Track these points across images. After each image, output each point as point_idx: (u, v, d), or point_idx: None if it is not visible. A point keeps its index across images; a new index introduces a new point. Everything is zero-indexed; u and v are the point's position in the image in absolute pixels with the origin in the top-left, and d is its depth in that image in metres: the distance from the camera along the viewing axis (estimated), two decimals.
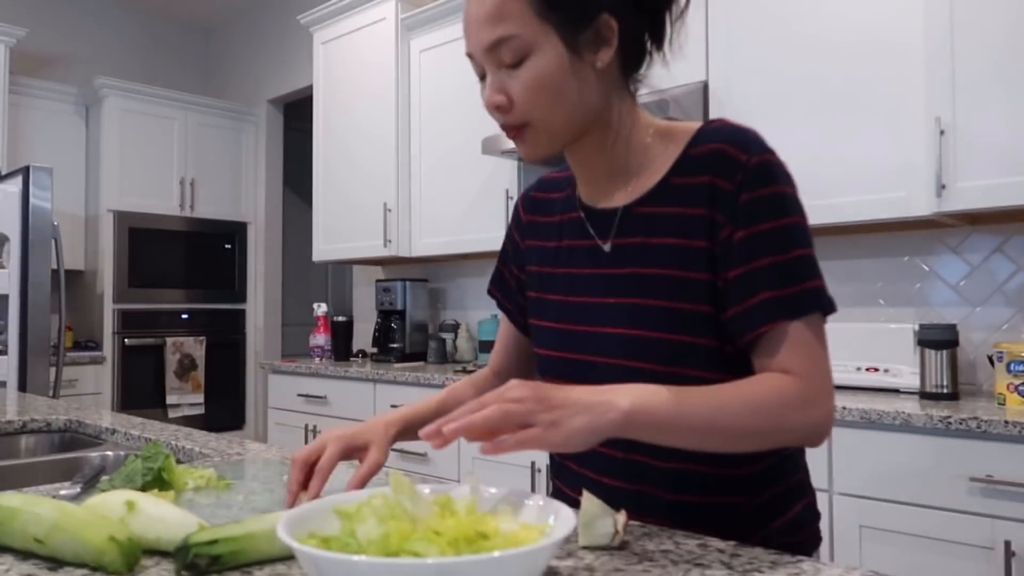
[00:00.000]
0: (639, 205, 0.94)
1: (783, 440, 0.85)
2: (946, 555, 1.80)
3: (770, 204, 0.86)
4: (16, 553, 0.79)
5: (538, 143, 0.91)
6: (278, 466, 1.25)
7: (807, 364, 0.84)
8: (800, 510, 0.96)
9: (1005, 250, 2.30)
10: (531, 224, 1.10)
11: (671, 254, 0.90)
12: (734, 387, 0.83)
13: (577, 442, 0.75)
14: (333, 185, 4.00)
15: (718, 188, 0.88)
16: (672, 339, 0.89)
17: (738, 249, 0.86)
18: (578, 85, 0.88)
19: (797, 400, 0.82)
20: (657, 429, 0.79)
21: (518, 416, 0.73)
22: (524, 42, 0.86)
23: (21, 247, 3.70)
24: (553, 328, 1.01)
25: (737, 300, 0.86)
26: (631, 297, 0.92)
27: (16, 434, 1.79)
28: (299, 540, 0.63)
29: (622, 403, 0.76)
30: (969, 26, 2.02)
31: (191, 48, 5.72)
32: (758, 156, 0.87)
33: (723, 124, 0.93)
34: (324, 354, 3.95)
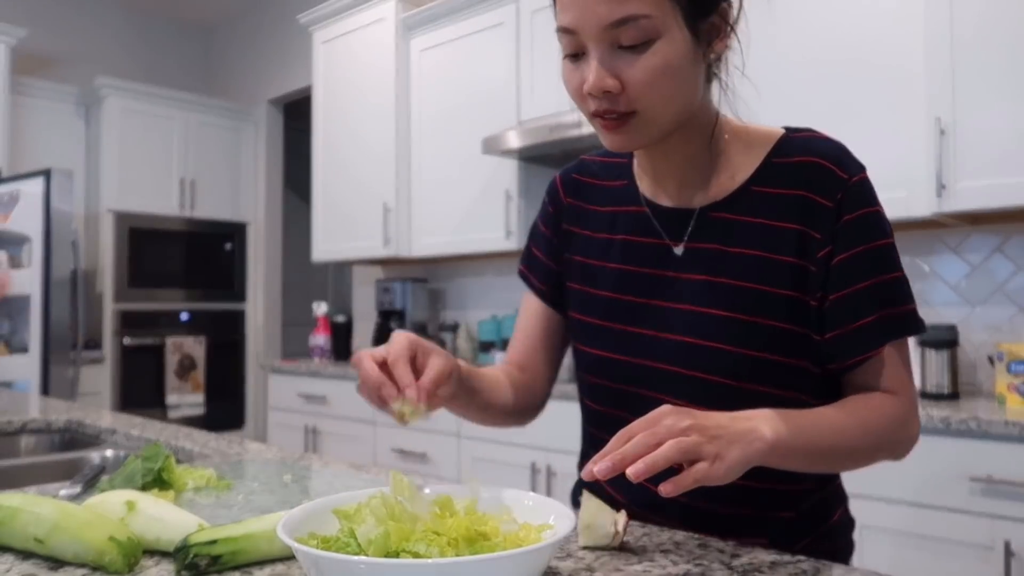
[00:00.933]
0: (715, 209, 0.90)
1: (886, 458, 0.87)
2: (946, 555, 1.80)
3: (870, 225, 0.85)
4: (16, 553, 0.79)
5: (640, 134, 0.84)
6: (278, 466, 1.26)
7: (905, 384, 0.86)
8: (839, 517, 0.96)
9: (1005, 250, 2.30)
10: (573, 208, 1.03)
11: (752, 265, 0.87)
12: (850, 410, 0.84)
13: (734, 474, 0.73)
14: (333, 185, 4.00)
15: (815, 204, 0.85)
16: (748, 354, 0.86)
17: (839, 271, 0.84)
18: (694, 76, 0.83)
19: (902, 419, 0.85)
20: (792, 457, 0.78)
21: (691, 451, 0.70)
22: (653, 24, 0.78)
23: (43, 248, 3.75)
24: (601, 326, 0.96)
25: (839, 323, 0.85)
26: (702, 305, 0.88)
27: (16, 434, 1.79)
28: (299, 540, 0.63)
29: (766, 433, 0.75)
30: (969, 26, 2.02)
31: (191, 48, 5.72)
32: (859, 175, 0.86)
33: (813, 135, 0.90)
34: (324, 354, 3.95)
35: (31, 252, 3.81)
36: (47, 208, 3.76)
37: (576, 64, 0.84)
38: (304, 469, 1.24)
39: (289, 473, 1.20)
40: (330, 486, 1.13)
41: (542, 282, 1.07)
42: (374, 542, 0.61)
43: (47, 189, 3.76)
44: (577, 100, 0.86)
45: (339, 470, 1.23)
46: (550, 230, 1.06)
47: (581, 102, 0.85)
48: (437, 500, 0.70)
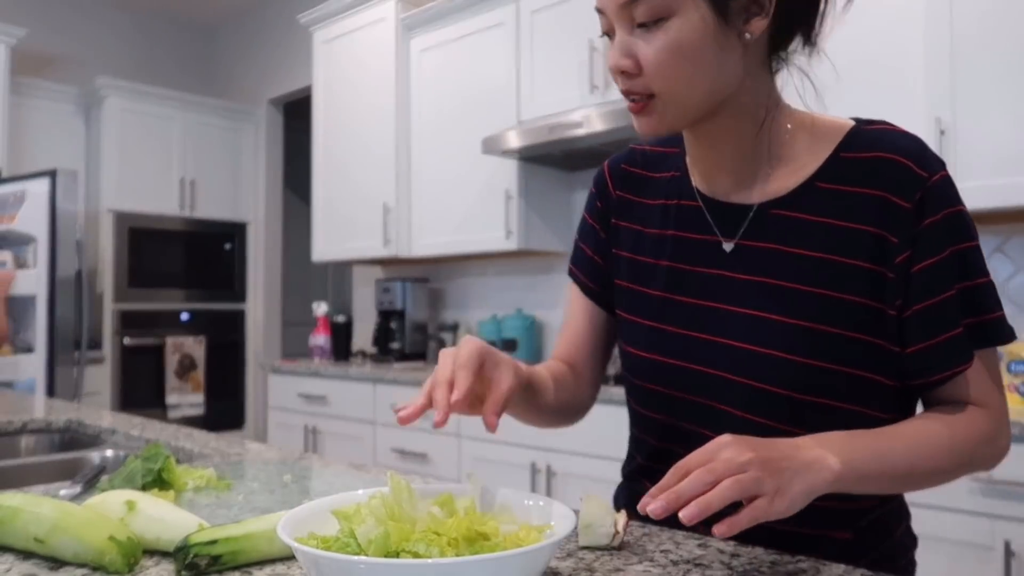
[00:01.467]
0: (776, 206, 0.84)
1: (970, 472, 0.84)
2: (946, 555, 1.80)
3: (954, 228, 0.79)
4: (17, 553, 0.79)
5: (663, 118, 0.81)
6: (278, 466, 1.26)
7: (994, 396, 0.81)
8: (901, 534, 0.90)
9: (1005, 250, 2.30)
10: (623, 202, 0.97)
11: (816, 268, 0.81)
12: (933, 428, 0.79)
13: (796, 508, 0.68)
14: (333, 185, 3.99)
15: (892, 205, 0.79)
16: (814, 365, 0.80)
17: (922, 279, 0.78)
18: (720, 56, 0.78)
19: (991, 433, 0.80)
20: (864, 483, 0.74)
21: (751, 489, 0.66)
22: (666, 2, 0.76)
23: (48, 248, 3.76)
24: (651, 327, 0.90)
25: (924, 336, 0.79)
26: (758, 309, 0.83)
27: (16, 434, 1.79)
28: (299, 540, 0.63)
29: (833, 463, 0.70)
30: (969, 27, 2.02)
31: (191, 48, 5.72)
32: (940, 173, 0.80)
33: (888, 128, 0.85)
34: (324, 354, 3.95)
35: (36, 252, 3.83)
36: (52, 208, 3.78)
37: (611, 43, 0.81)
38: (304, 469, 1.24)
39: (289, 473, 1.20)
40: (330, 486, 1.13)
41: (590, 279, 1.01)
42: (374, 542, 0.61)
43: (52, 189, 3.78)
44: (614, 79, 0.83)
45: (339, 470, 1.23)
46: (598, 224, 1.00)
47: (616, 81, 0.82)
48: (437, 500, 0.70)
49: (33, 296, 3.80)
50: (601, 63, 2.76)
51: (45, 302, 3.77)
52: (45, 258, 3.79)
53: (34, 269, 3.81)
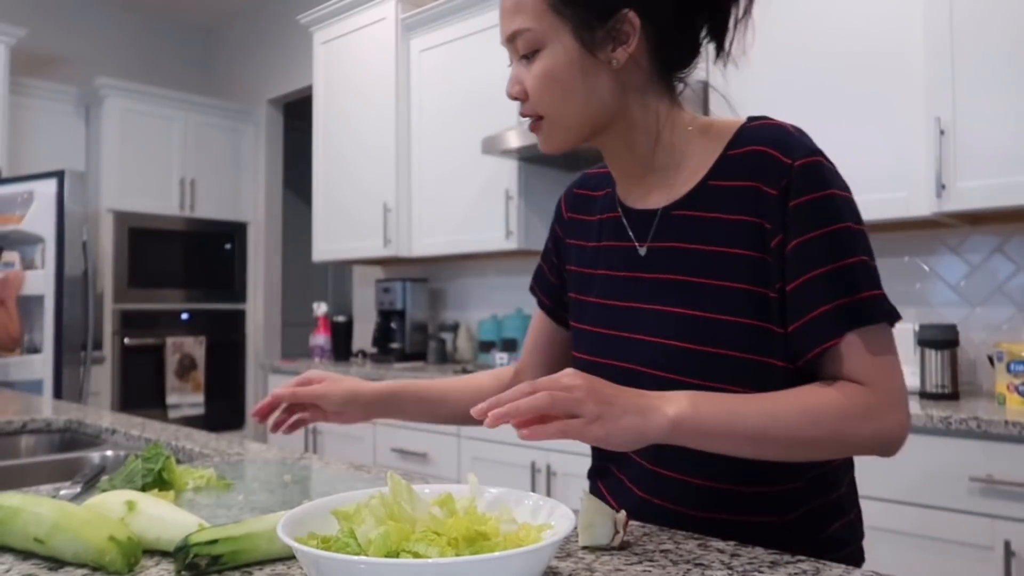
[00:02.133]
0: (677, 208, 0.91)
1: (846, 451, 0.84)
2: (946, 555, 1.80)
3: (820, 209, 0.82)
4: (16, 553, 0.79)
5: (552, 136, 0.91)
6: (278, 466, 1.26)
7: (874, 373, 0.81)
8: (836, 529, 0.91)
9: (1005, 250, 2.30)
10: (573, 222, 1.06)
11: (710, 261, 0.87)
12: (795, 394, 0.81)
13: (619, 441, 0.74)
14: (333, 185, 4.00)
15: (763, 193, 0.84)
16: (707, 351, 0.85)
17: (791, 260, 0.83)
18: (588, 82, 0.87)
19: (862, 410, 0.80)
20: (706, 437, 0.77)
21: (565, 404, 0.72)
22: (536, 36, 0.86)
23: (56, 249, 3.77)
24: (591, 331, 0.98)
25: (796, 314, 0.83)
26: (663, 304, 0.89)
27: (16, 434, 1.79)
28: (299, 540, 0.63)
29: (669, 410, 0.75)
30: (969, 26, 2.02)
31: (191, 48, 5.72)
32: (803, 158, 0.84)
33: (765, 123, 0.90)
34: (324, 354, 3.95)
35: (44, 253, 3.83)
36: (60, 209, 3.79)
37: None
38: (304, 469, 1.24)
39: (289, 473, 1.20)
40: (330, 486, 1.13)
41: (547, 297, 1.11)
42: (374, 542, 0.61)
43: (60, 190, 3.79)
44: None
45: (339, 470, 1.23)
46: (554, 246, 1.10)
47: None
48: (437, 500, 0.70)
49: (40, 296, 3.80)
50: None
51: (52, 303, 3.78)
52: (53, 259, 3.80)
53: (42, 270, 3.82)
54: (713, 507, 0.88)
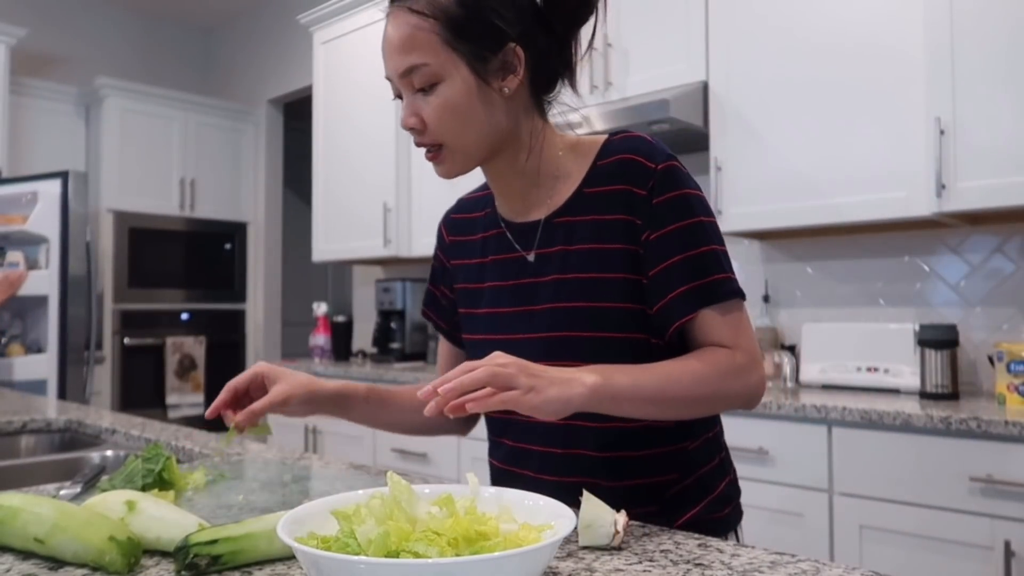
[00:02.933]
0: (557, 216, 1.01)
1: (723, 405, 0.95)
2: (946, 555, 1.80)
3: (677, 206, 0.95)
4: (17, 553, 0.79)
5: (453, 162, 0.98)
6: (278, 466, 1.26)
7: (735, 338, 0.94)
8: (724, 487, 1.04)
9: (1005, 250, 2.30)
10: (455, 244, 1.15)
11: (590, 258, 0.97)
12: (680, 361, 0.93)
13: (550, 410, 0.81)
14: (333, 185, 4.00)
15: (634, 194, 0.96)
16: (595, 336, 0.96)
17: (654, 249, 0.95)
18: (486, 109, 0.95)
19: (733, 369, 0.93)
20: (617, 401, 0.87)
21: (503, 378, 0.79)
22: (433, 70, 0.92)
23: (60, 249, 3.77)
24: (483, 340, 1.06)
25: (658, 296, 0.95)
26: (555, 302, 0.99)
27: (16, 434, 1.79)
28: (299, 540, 0.63)
29: (587, 379, 0.84)
30: (969, 26, 2.02)
31: (191, 48, 5.72)
32: (664, 163, 0.96)
33: (628, 135, 1.01)
34: (324, 354, 3.95)
35: (48, 253, 3.84)
36: (64, 209, 3.79)
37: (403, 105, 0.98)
38: (304, 469, 1.24)
39: (289, 473, 1.20)
40: (330, 486, 1.13)
41: (441, 319, 1.19)
42: (374, 542, 0.61)
43: (64, 191, 3.80)
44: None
45: (339, 470, 1.23)
46: (440, 270, 1.18)
47: None
48: (437, 500, 0.70)
49: (44, 296, 3.81)
50: (601, 64, 2.76)
51: (57, 303, 3.78)
52: (57, 259, 3.80)
53: (46, 270, 3.83)
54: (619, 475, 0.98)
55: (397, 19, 0.94)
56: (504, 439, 1.08)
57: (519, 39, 0.94)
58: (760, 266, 2.80)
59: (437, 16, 0.92)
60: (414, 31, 0.92)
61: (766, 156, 2.39)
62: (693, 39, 2.55)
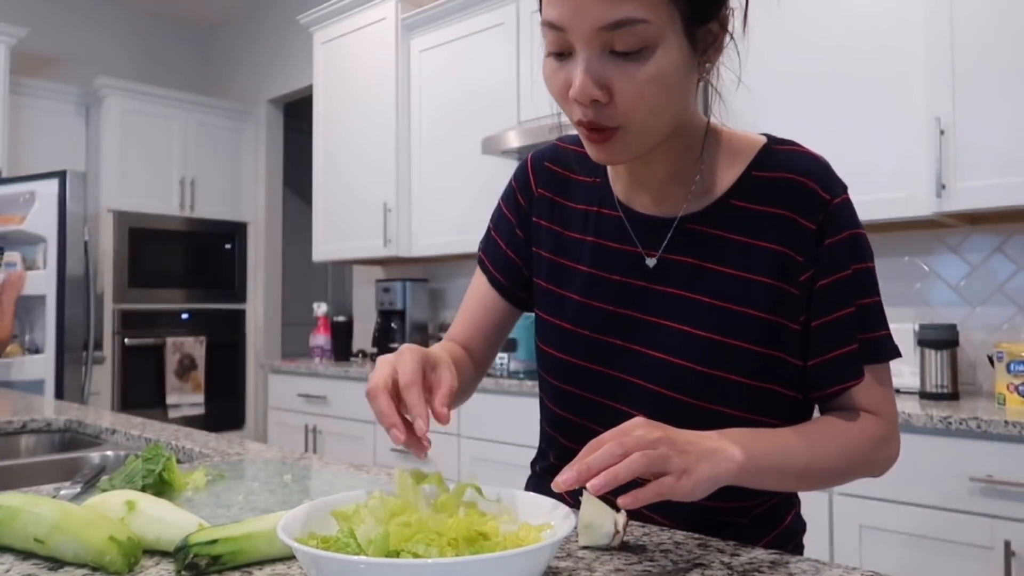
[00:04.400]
0: (693, 221, 0.86)
1: (861, 476, 0.87)
2: (946, 555, 1.80)
3: (853, 248, 0.83)
4: (16, 553, 0.79)
5: (626, 150, 0.79)
6: (278, 466, 1.26)
7: (885, 404, 0.86)
8: (791, 521, 0.96)
9: (1005, 250, 2.30)
10: (544, 200, 0.97)
11: (728, 283, 0.84)
12: (828, 430, 0.83)
13: (701, 491, 0.71)
14: (333, 185, 4.00)
15: (798, 225, 0.82)
16: (719, 376, 0.83)
17: (822, 296, 0.83)
18: (688, 86, 0.78)
19: (882, 438, 0.85)
20: (763, 477, 0.78)
21: (659, 463, 0.68)
22: (653, 31, 0.71)
23: (58, 249, 3.77)
24: (571, 331, 0.92)
25: (820, 351, 0.84)
26: (675, 321, 0.85)
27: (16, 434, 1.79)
28: (299, 540, 0.63)
29: (736, 454, 0.74)
30: (969, 27, 2.02)
31: (191, 48, 5.72)
32: (841, 196, 0.84)
33: (796, 149, 0.87)
34: (324, 354, 3.95)
35: (46, 253, 3.84)
36: (62, 209, 3.79)
37: (561, 64, 0.76)
38: (304, 469, 1.24)
39: (289, 473, 1.20)
40: (330, 486, 1.13)
41: (500, 272, 1.02)
42: (374, 542, 0.61)
43: (62, 190, 3.79)
44: (561, 103, 0.79)
45: (339, 470, 1.23)
46: (517, 220, 1.00)
47: (565, 105, 0.79)
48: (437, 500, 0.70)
49: (42, 296, 3.81)
50: None
51: (54, 303, 3.78)
52: (55, 259, 3.80)
53: (43, 270, 3.82)
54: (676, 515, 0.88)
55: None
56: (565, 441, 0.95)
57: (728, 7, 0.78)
58: None
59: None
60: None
61: None
62: None
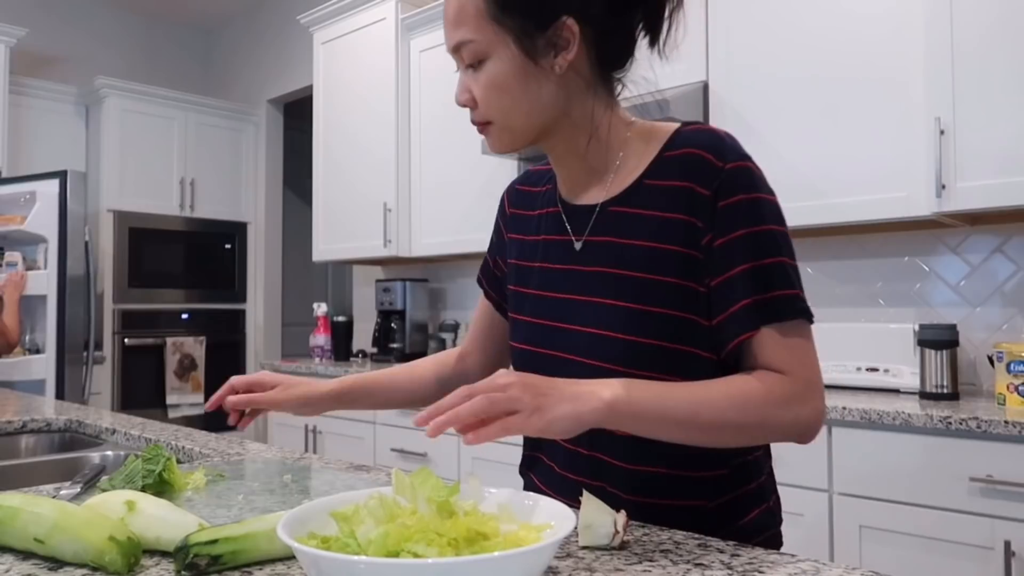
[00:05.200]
0: (613, 204, 0.95)
1: (768, 436, 0.88)
2: (946, 555, 1.80)
3: (746, 211, 0.87)
4: (16, 553, 0.79)
5: (501, 140, 0.95)
6: (278, 466, 1.26)
7: (793, 363, 0.86)
8: (756, 515, 0.96)
9: (1005, 250, 2.30)
10: (514, 217, 1.11)
11: (643, 256, 0.91)
12: (722, 382, 0.85)
13: (559, 428, 0.77)
14: (333, 185, 3.99)
15: (696, 193, 0.89)
16: (640, 341, 0.89)
17: (717, 256, 0.88)
18: (534, 88, 0.91)
19: (783, 397, 0.84)
20: (639, 420, 0.81)
21: (503, 404, 0.75)
22: (480, 46, 0.90)
23: (58, 249, 3.77)
24: (528, 322, 1.02)
25: (718, 308, 0.88)
26: (599, 296, 0.93)
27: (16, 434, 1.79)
28: (299, 540, 0.63)
29: (605, 394, 0.79)
30: (969, 27, 2.02)
31: (191, 48, 5.72)
32: (734, 162, 0.88)
33: (700, 128, 0.94)
34: (324, 354, 3.95)
35: (47, 253, 3.84)
36: (63, 209, 3.79)
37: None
38: (304, 469, 1.24)
39: (289, 473, 1.20)
40: (330, 486, 1.13)
41: (492, 288, 1.17)
42: (374, 542, 0.61)
43: (63, 190, 3.79)
44: None
45: (339, 470, 1.23)
46: (498, 240, 1.15)
47: None
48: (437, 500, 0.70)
49: (43, 297, 3.81)
50: None
51: (55, 303, 3.78)
52: (55, 259, 3.80)
53: (44, 270, 3.83)
54: (643, 491, 0.92)
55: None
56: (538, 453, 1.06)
57: (575, 12, 0.88)
58: None
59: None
60: (462, 5, 0.90)
61: (766, 156, 2.38)
62: (693, 39, 2.55)
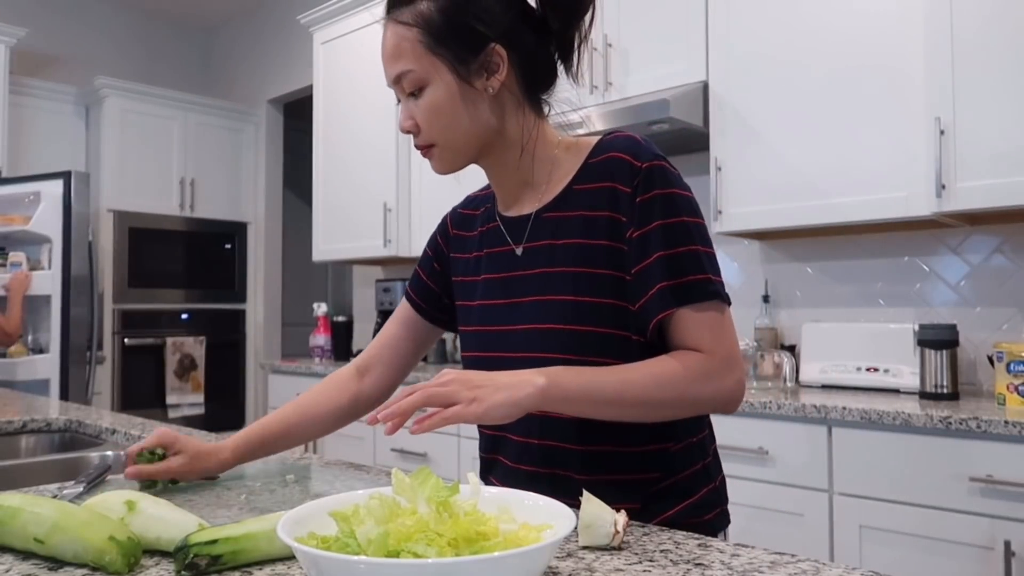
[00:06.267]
0: (546, 211, 1.04)
1: (693, 409, 0.96)
2: (946, 555, 1.80)
3: (661, 204, 0.96)
4: (16, 553, 0.79)
5: (444, 160, 1.03)
6: (278, 466, 1.26)
7: (710, 341, 0.94)
8: (705, 494, 1.03)
9: (1005, 250, 2.30)
10: (457, 237, 1.18)
11: (576, 253, 0.99)
12: (644, 363, 0.94)
13: (497, 415, 0.84)
14: (333, 185, 4.00)
15: (618, 192, 0.98)
16: (578, 329, 0.97)
17: (636, 246, 0.96)
18: (471, 108, 0.99)
19: (702, 373, 0.93)
20: (571, 402, 0.90)
21: (442, 397, 0.84)
22: (418, 76, 0.98)
23: (62, 249, 3.77)
24: (475, 331, 1.09)
25: (639, 294, 0.96)
26: (540, 295, 1.01)
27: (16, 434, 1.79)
28: (299, 540, 0.63)
29: (538, 380, 0.87)
30: (969, 27, 2.02)
31: (191, 48, 5.72)
32: (649, 162, 0.97)
33: (619, 135, 1.04)
34: (324, 354, 3.95)
35: (51, 253, 3.84)
36: (67, 210, 3.79)
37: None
38: (304, 469, 1.24)
39: (289, 473, 1.20)
40: (330, 486, 1.13)
41: (420, 299, 1.23)
42: (374, 542, 0.61)
43: (67, 191, 3.79)
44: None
45: (339, 470, 1.23)
46: (435, 256, 1.22)
47: None
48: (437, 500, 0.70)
49: (47, 297, 3.81)
50: (601, 64, 2.76)
51: (59, 303, 3.78)
52: (59, 259, 3.80)
53: (48, 270, 3.82)
54: (595, 469, 0.99)
55: (387, 30, 1.00)
56: (484, 428, 1.09)
57: (502, 39, 0.98)
58: (760, 266, 2.80)
59: (419, 24, 0.97)
60: (400, 40, 0.98)
61: (766, 156, 2.38)
62: (693, 39, 2.55)
